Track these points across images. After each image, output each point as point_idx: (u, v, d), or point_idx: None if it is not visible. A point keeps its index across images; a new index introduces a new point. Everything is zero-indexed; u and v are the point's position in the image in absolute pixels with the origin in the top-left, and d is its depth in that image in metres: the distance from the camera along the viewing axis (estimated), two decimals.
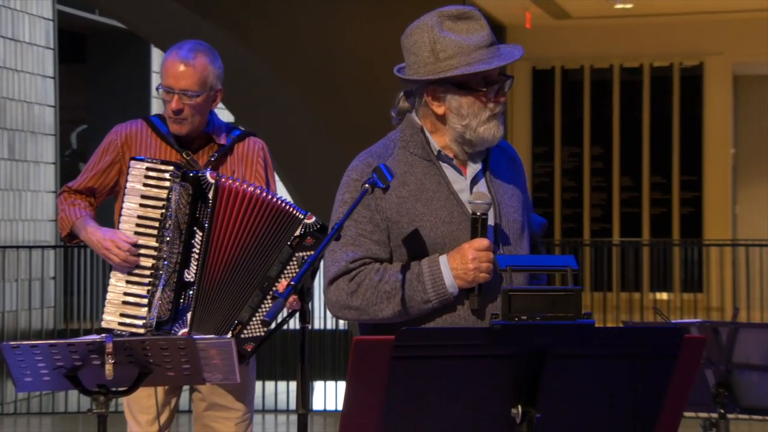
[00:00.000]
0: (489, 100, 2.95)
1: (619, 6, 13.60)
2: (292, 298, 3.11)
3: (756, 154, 15.51)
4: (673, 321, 4.38)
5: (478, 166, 3.01)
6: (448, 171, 2.99)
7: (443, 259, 2.89)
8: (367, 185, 2.85)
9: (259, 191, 3.64)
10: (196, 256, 3.63)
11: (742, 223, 15.12)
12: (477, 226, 2.89)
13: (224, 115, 11.38)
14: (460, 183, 2.99)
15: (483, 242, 2.88)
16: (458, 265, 2.87)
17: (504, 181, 3.04)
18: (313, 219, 3.61)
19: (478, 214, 2.89)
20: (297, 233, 3.60)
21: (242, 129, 3.97)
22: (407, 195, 2.94)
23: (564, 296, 2.50)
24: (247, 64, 9.63)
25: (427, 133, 3.00)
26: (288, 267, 3.60)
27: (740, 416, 5.42)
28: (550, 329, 2.46)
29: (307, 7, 9.91)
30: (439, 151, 2.99)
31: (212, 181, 3.63)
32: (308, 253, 3.57)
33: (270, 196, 3.64)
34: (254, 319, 3.61)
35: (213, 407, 3.86)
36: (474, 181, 3.00)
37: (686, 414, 2.74)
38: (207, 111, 3.83)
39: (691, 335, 2.50)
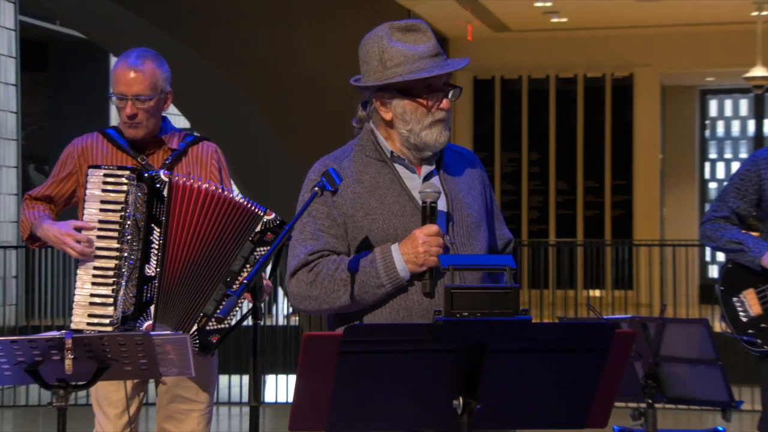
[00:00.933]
0: (432, 106, 2.97)
1: (555, 20, 13.70)
2: (247, 295, 3.09)
3: (682, 159, 15.69)
4: (605, 317, 4.42)
5: (431, 167, 3.06)
6: (402, 170, 3.03)
7: (395, 247, 2.94)
8: (317, 188, 2.89)
9: (214, 188, 3.63)
10: (156, 251, 3.61)
11: (669, 224, 15.29)
12: (426, 214, 2.93)
13: (180, 122, 11.31)
14: (414, 180, 3.03)
15: (432, 228, 2.92)
16: (408, 250, 2.91)
17: (459, 179, 3.07)
18: (273, 215, 3.60)
19: (428, 202, 2.93)
20: (258, 229, 3.59)
21: (196, 134, 3.95)
22: (362, 191, 2.99)
23: (503, 294, 2.51)
24: (202, 72, 9.58)
25: (381, 138, 3.04)
26: (250, 261, 3.59)
27: (667, 406, 5.48)
28: (490, 325, 2.47)
29: (261, 18, 9.88)
30: (392, 152, 3.03)
31: (166, 179, 3.62)
32: (268, 248, 3.56)
33: (226, 193, 3.63)
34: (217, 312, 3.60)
35: (177, 399, 3.82)
36: (428, 178, 3.04)
37: (617, 404, 2.76)
38: (160, 113, 3.83)
39: (621, 330, 2.52)
